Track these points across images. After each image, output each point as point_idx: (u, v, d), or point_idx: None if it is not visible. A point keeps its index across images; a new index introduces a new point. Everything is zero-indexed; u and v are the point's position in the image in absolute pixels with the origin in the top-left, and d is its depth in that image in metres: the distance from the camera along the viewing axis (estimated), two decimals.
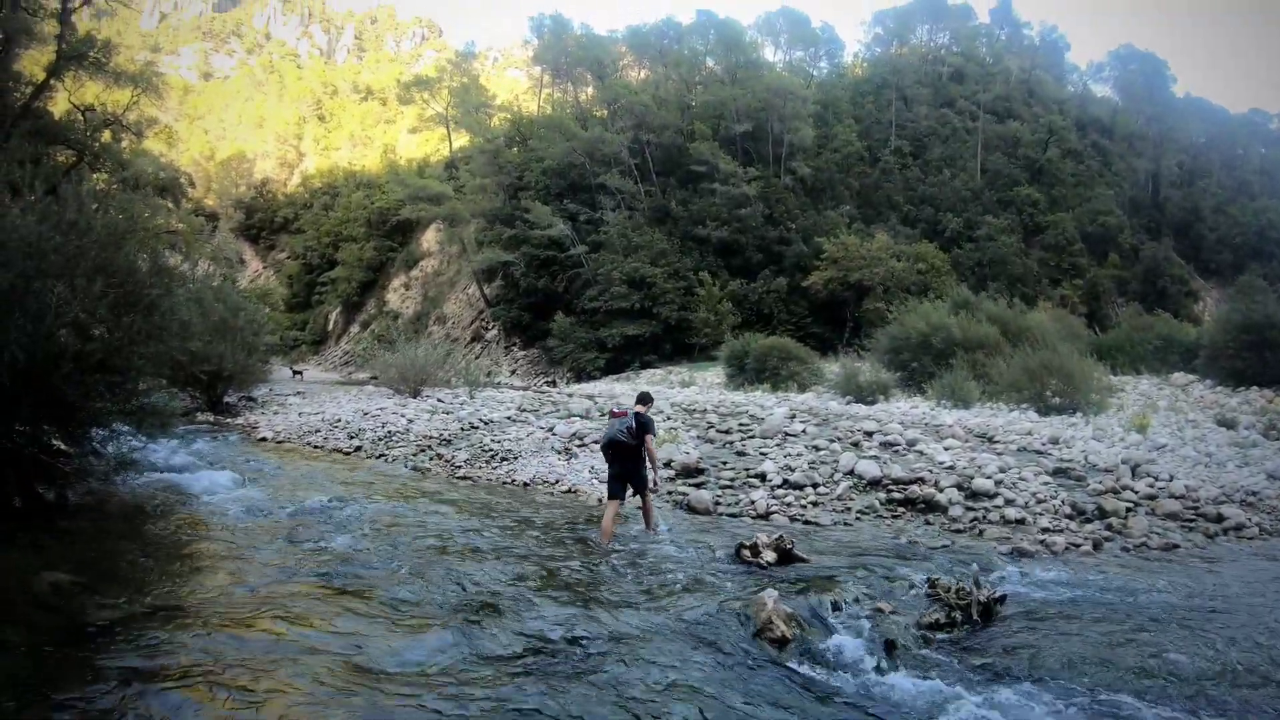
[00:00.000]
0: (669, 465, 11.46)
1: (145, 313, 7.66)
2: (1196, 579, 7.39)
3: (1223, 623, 5.99)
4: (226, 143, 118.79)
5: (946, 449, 12.22)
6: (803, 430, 14.04)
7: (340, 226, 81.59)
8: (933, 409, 18.57)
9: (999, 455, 11.98)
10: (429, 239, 74.14)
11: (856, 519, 9.57)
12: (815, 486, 10.63)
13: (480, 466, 12.63)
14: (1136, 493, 10.28)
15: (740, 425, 14.98)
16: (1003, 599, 6.13)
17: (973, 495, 9.99)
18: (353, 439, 15.16)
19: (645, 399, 8.36)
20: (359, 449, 14.44)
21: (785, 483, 10.78)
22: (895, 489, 10.34)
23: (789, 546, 7.13)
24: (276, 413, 19.58)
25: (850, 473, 10.96)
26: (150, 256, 8.47)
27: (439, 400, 19.99)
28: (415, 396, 21.12)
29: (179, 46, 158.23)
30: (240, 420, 18.74)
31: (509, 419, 16.41)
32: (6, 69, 29.23)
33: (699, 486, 10.84)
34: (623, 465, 8.02)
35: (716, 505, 10.07)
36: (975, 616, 5.83)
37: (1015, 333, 22.60)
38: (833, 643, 5.29)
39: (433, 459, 13.32)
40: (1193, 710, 4.49)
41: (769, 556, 7.00)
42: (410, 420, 16.45)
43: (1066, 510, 9.61)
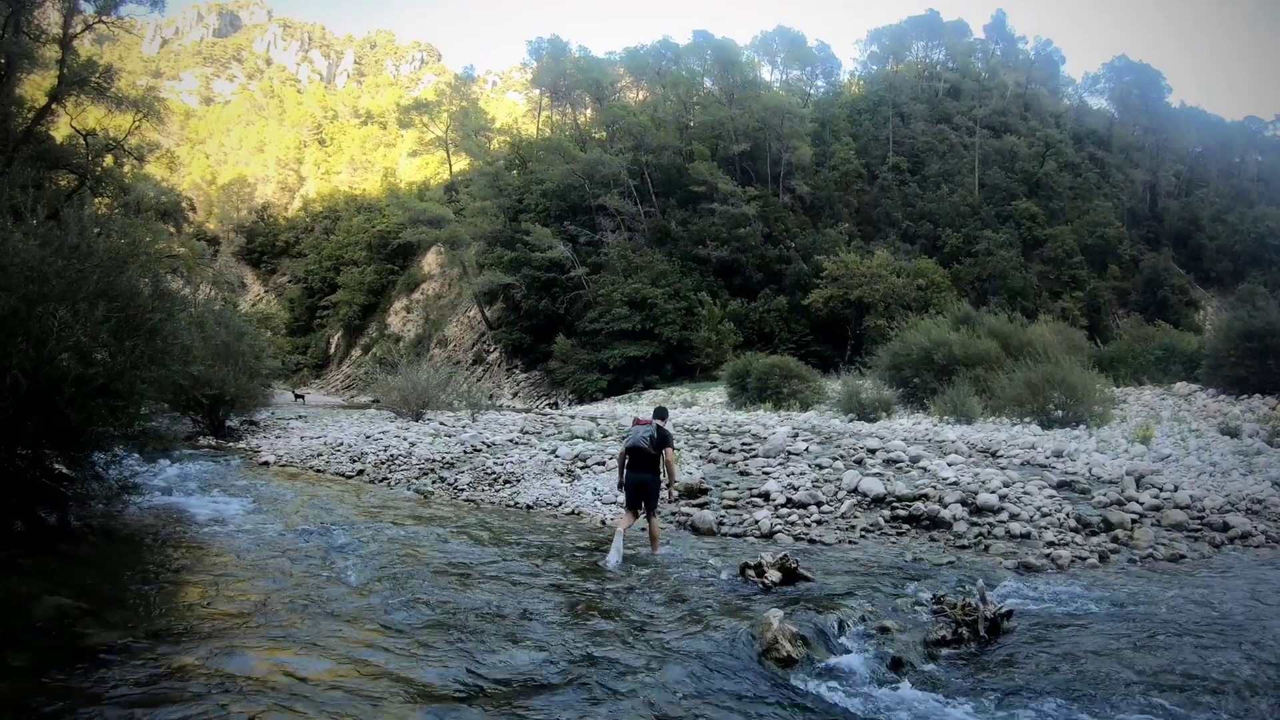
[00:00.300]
0: (670, 486, 11.43)
1: (147, 337, 7.66)
2: (1204, 589, 7.34)
3: (1231, 633, 5.94)
4: (227, 167, 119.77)
5: (950, 465, 12.18)
6: (805, 449, 14.00)
7: (341, 250, 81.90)
8: (935, 425, 18.54)
9: (1003, 470, 11.95)
10: (430, 262, 74.37)
11: (861, 537, 9.54)
12: (819, 505, 10.60)
13: (483, 489, 12.60)
14: (1141, 504, 10.26)
15: (743, 445, 14.95)
16: (1009, 614, 6.09)
17: (977, 511, 9.96)
18: (355, 463, 15.13)
19: (662, 413, 8.59)
20: (361, 473, 14.41)
21: (789, 502, 10.76)
22: (899, 506, 10.31)
23: (793, 565, 7.10)
24: (279, 437, 19.55)
25: (854, 490, 10.93)
26: (152, 281, 8.47)
27: (441, 423, 19.97)
28: (417, 420, 21.10)
29: (180, 71, 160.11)
30: (242, 444, 18.70)
31: (511, 442, 16.39)
32: (8, 93, 29.43)
33: (702, 507, 10.83)
34: (639, 474, 8.20)
35: (720, 525, 10.05)
36: (982, 632, 5.80)
37: (1017, 347, 22.57)
38: (839, 661, 5.26)
39: (435, 482, 13.29)
40: None
41: (773, 576, 6.97)
42: (412, 444, 16.43)
43: (1071, 524, 9.58)
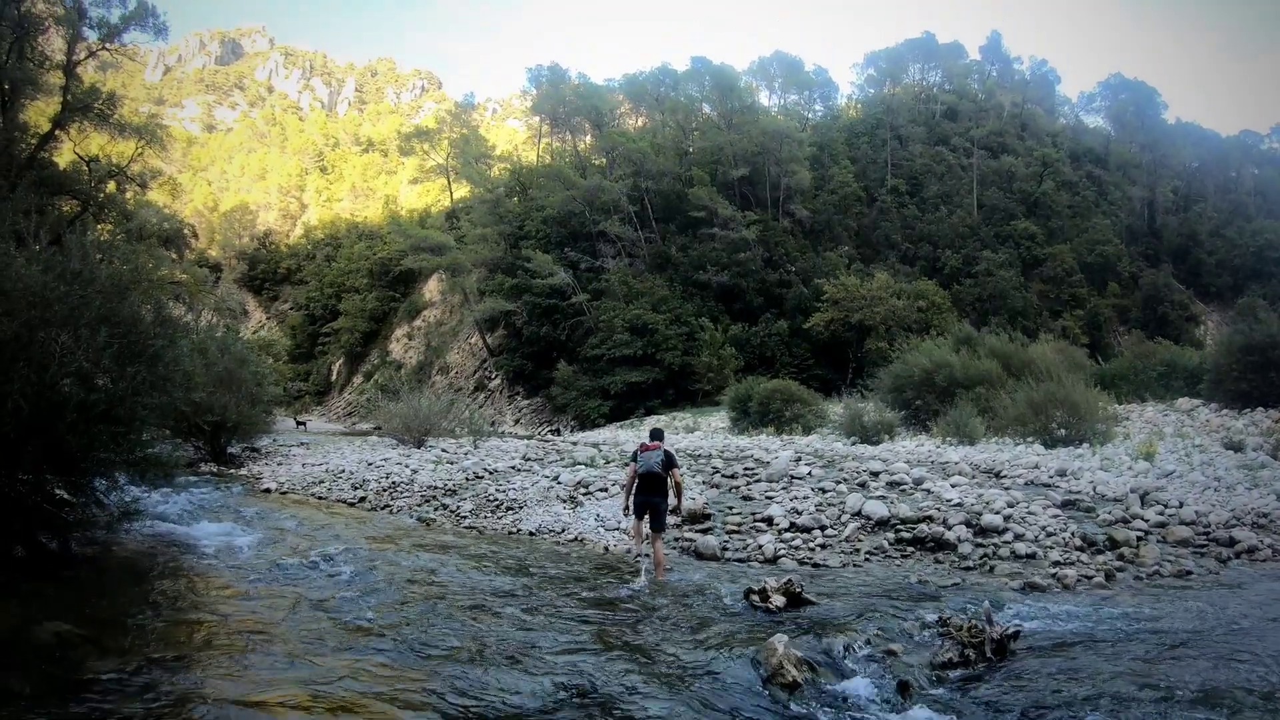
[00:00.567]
0: (674, 512, 11.39)
1: (149, 363, 7.67)
2: (1212, 605, 7.30)
3: (1240, 649, 5.88)
4: (229, 194, 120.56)
5: (954, 486, 12.15)
6: (808, 473, 13.97)
7: (342, 277, 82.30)
8: (938, 446, 18.51)
9: (1007, 490, 11.92)
10: (431, 289, 74.61)
11: (865, 560, 9.49)
12: (823, 529, 10.55)
13: (486, 516, 12.55)
14: (1147, 521, 10.23)
15: (746, 470, 14.91)
16: (1016, 635, 6.04)
17: (982, 532, 9.92)
18: (357, 490, 15.09)
19: (659, 434, 8.97)
20: (363, 500, 14.37)
21: (792, 526, 10.71)
22: (903, 528, 10.27)
23: (798, 590, 7.06)
24: (280, 463, 19.51)
25: (858, 514, 10.88)
26: (154, 307, 8.50)
27: (443, 450, 19.93)
28: (419, 447, 21.07)
29: (183, 99, 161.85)
30: (244, 471, 18.66)
31: (513, 468, 16.35)
32: (12, 119, 29.69)
33: (706, 532, 10.77)
34: (648, 496, 8.54)
35: (724, 550, 10.00)
36: (989, 654, 5.74)
37: (1018, 366, 22.58)
38: (845, 686, 5.21)
39: (438, 510, 13.24)
40: None
41: (778, 600, 6.93)
42: (414, 471, 16.39)
43: (1077, 542, 9.54)
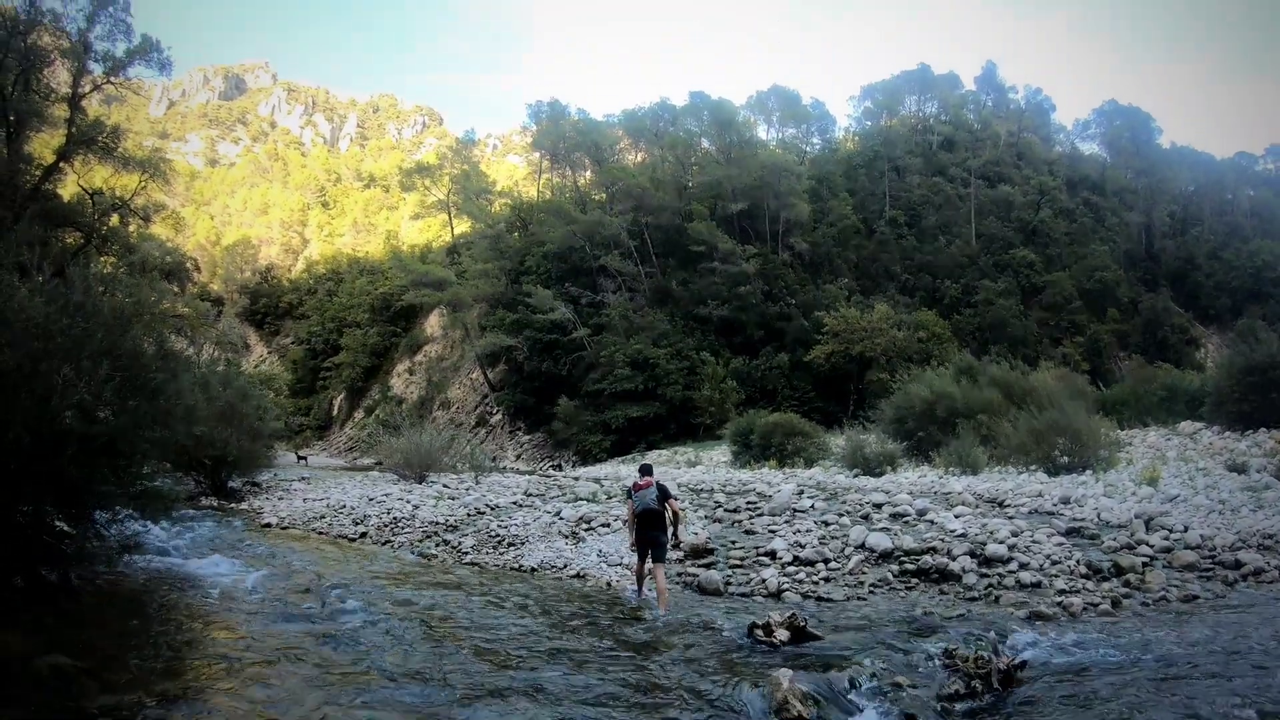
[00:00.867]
0: (677, 547, 11.35)
1: (151, 397, 7.68)
2: (1219, 629, 7.23)
3: (1250, 673, 5.82)
4: (232, 228, 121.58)
5: (957, 516, 12.11)
6: (811, 506, 13.93)
7: (344, 312, 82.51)
8: (941, 477, 18.45)
9: (1010, 519, 11.88)
10: (432, 324, 74.80)
11: (870, 592, 9.43)
12: (826, 562, 10.49)
13: (487, 552, 12.48)
14: (1152, 546, 10.18)
15: (748, 503, 14.88)
16: (1023, 665, 5.99)
17: (986, 561, 9.87)
18: (358, 525, 15.02)
19: (649, 470, 9.20)
20: (364, 535, 14.30)
21: (796, 559, 10.65)
22: (907, 560, 10.22)
23: (802, 624, 7.02)
24: (281, 498, 19.46)
25: (861, 546, 10.83)
26: (156, 340, 8.52)
27: (444, 486, 19.88)
28: (420, 482, 21.01)
29: (186, 133, 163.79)
30: (245, 505, 18.61)
31: (515, 504, 16.31)
32: (17, 151, 30.00)
33: (709, 567, 10.72)
34: (648, 532, 8.75)
35: (727, 585, 9.93)
36: (996, 685, 5.69)
37: (1019, 395, 22.56)
38: None
39: (439, 545, 13.17)
40: None
41: (782, 635, 6.88)
42: (415, 506, 16.33)
43: (1082, 570, 9.50)
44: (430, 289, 61.98)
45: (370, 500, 17.46)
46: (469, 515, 15.26)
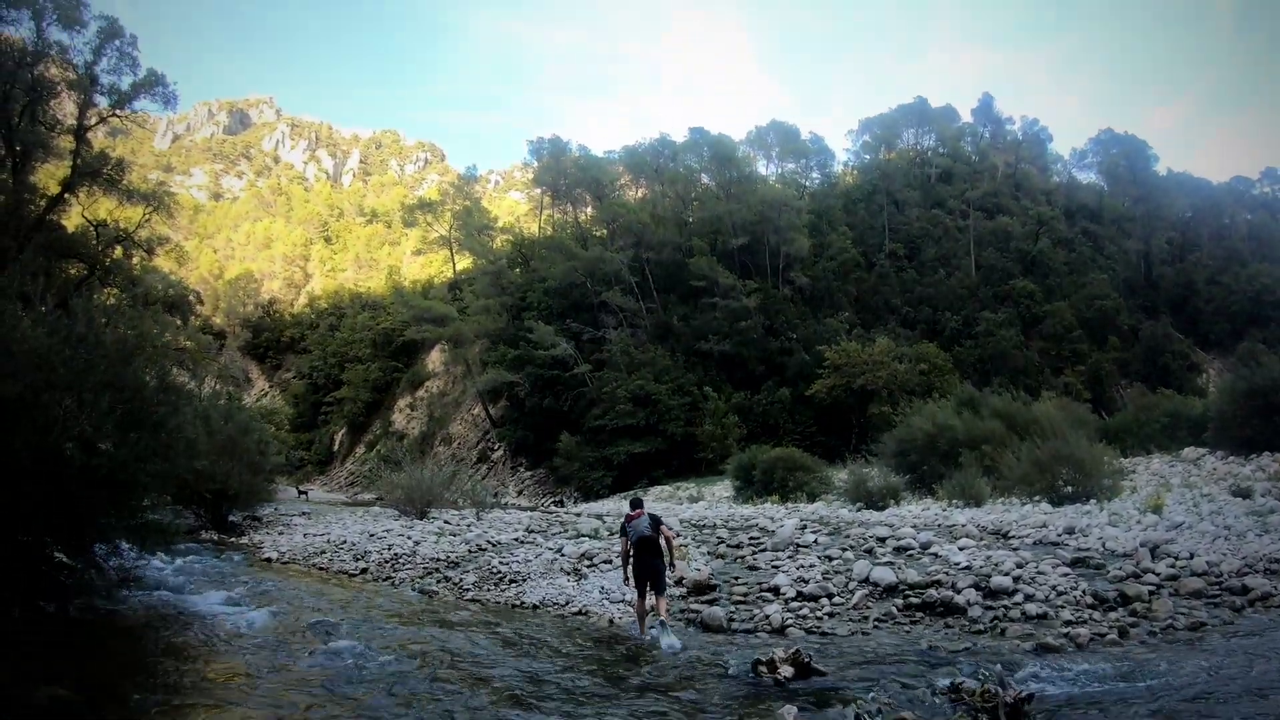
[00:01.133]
0: (680, 583, 11.27)
1: (152, 430, 7.68)
2: (1228, 656, 7.16)
3: (1259, 699, 5.76)
4: (235, 262, 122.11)
5: (961, 549, 12.03)
6: (814, 540, 13.84)
7: (346, 347, 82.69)
8: (944, 509, 18.35)
9: (1015, 551, 11.81)
10: (434, 360, 74.93)
11: (874, 627, 9.34)
12: (830, 597, 10.41)
13: (488, 589, 12.38)
14: (1158, 575, 10.08)
15: (751, 539, 14.80)
16: (1030, 698, 5.92)
17: (991, 594, 9.78)
18: (359, 561, 14.92)
19: (639, 503, 9.43)
20: (365, 571, 14.20)
21: (799, 595, 10.55)
22: (912, 594, 10.14)
23: (806, 660, 6.95)
24: (281, 533, 19.36)
25: (865, 580, 10.75)
26: (158, 373, 8.54)
27: (446, 522, 19.78)
28: (422, 518, 20.90)
29: (190, 167, 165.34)
30: (245, 540, 18.52)
31: (517, 540, 16.22)
32: (23, 182, 30.26)
33: (712, 603, 10.60)
34: (646, 560, 8.84)
35: (730, 621, 9.83)
36: (1002, 718, 5.63)
37: (1022, 426, 22.50)
38: None
39: (440, 582, 13.08)
40: None
41: (786, 671, 6.82)
42: (417, 542, 16.23)
43: (1088, 600, 9.41)
44: (432, 325, 62.18)
45: (371, 536, 17.36)
46: (470, 552, 15.16)
